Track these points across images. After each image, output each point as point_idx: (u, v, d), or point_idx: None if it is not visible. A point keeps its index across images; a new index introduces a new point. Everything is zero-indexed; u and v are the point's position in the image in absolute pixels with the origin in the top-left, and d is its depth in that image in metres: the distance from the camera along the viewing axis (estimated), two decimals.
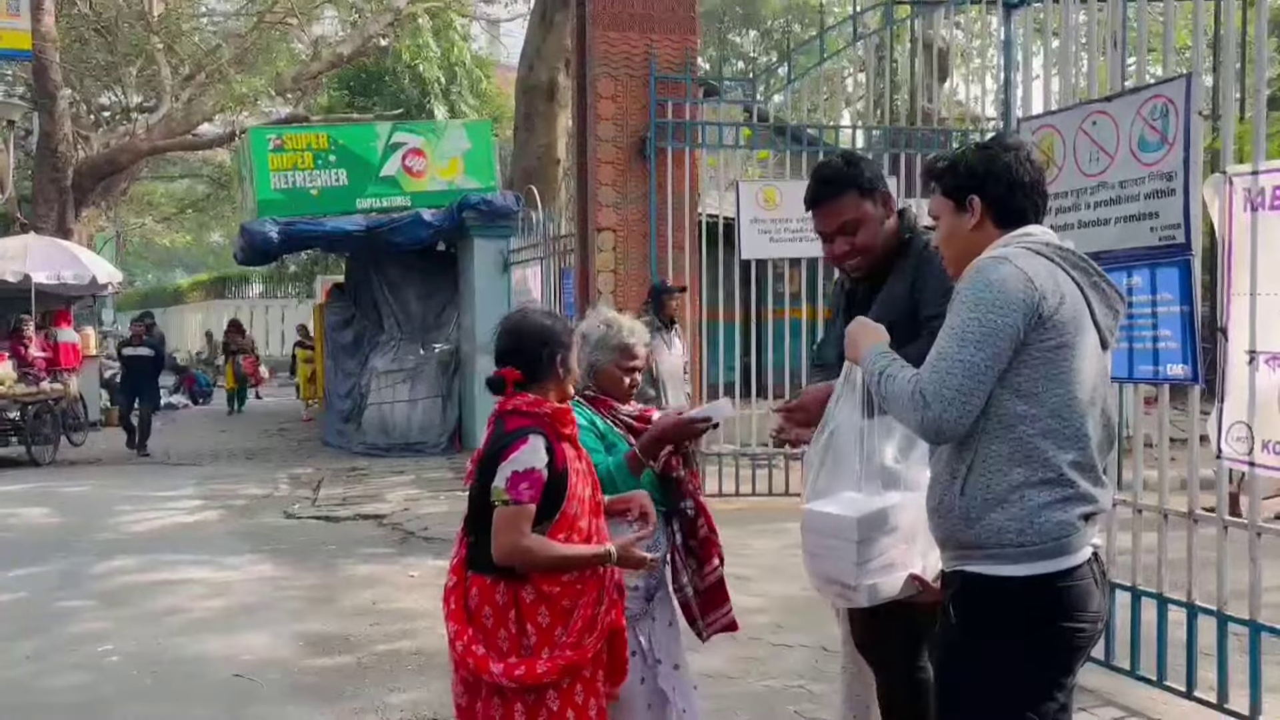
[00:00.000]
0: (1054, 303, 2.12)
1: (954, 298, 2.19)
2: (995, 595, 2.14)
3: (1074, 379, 2.14)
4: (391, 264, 13.40)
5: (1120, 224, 4.13)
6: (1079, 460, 2.14)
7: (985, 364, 2.09)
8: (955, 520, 2.18)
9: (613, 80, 8.82)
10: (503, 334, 2.66)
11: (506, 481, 2.47)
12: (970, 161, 2.33)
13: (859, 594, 2.44)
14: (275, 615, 5.79)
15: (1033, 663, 2.14)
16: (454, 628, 2.54)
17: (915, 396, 2.13)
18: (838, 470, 2.50)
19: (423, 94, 22.66)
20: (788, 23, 30.46)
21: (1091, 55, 4.70)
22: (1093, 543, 2.18)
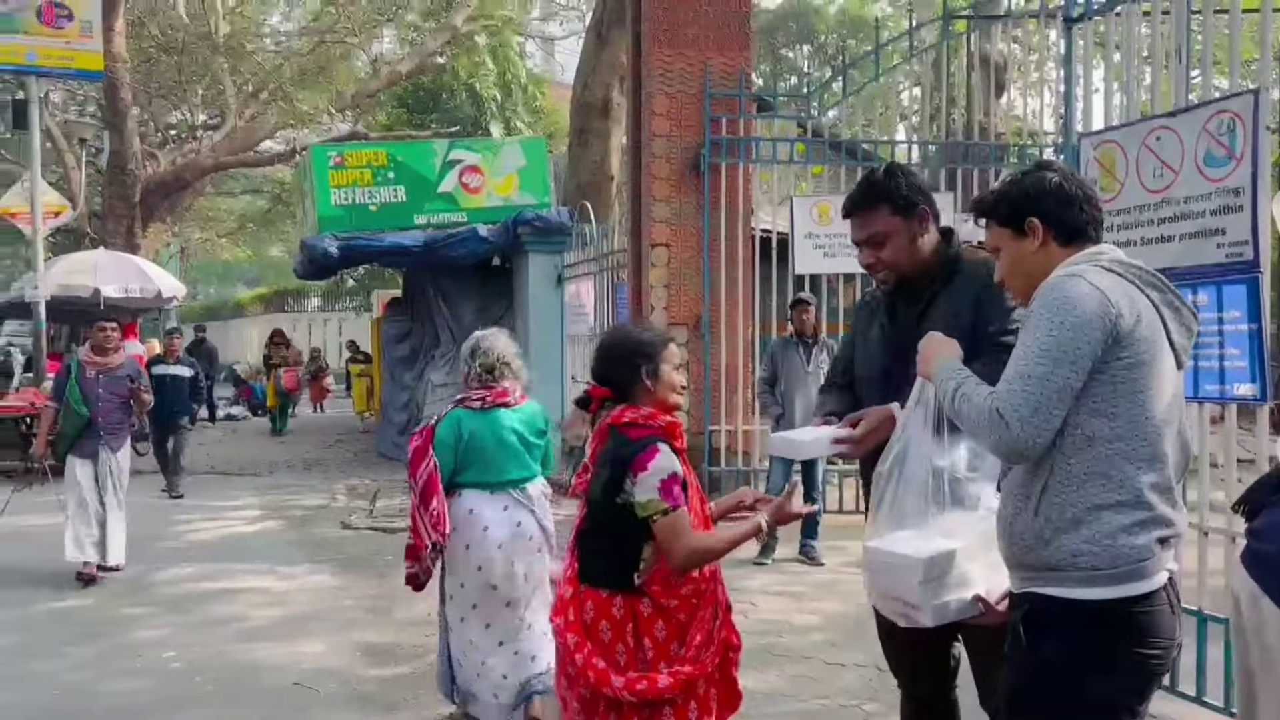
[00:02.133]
0: (1131, 320, 2.09)
1: (1029, 316, 2.16)
2: (1068, 619, 2.09)
3: (1151, 398, 2.10)
4: (448, 278, 13.55)
5: (1185, 240, 4.06)
6: (1158, 482, 2.10)
7: (1063, 382, 2.06)
8: (1028, 541, 2.14)
9: (667, 97, 8.87)
10: (594, 355, 2.76)
11: (658, 491, 2.51)
12: (1021, 186, 2.32)
13: (923, 614, 2.39)
14: (333, 625, 5.87)
15: (1106, 689, 2.09)
16: (574, 639, 2.56)
17: (992, 415, 2.09)
18: (905, 493, 2.45)
19: (479, 111, 22.97)
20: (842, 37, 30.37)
21: (1155, 69, 4.64)
22: (1168, 567, 2.13)
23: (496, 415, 4.08)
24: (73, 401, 6.80)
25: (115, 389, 6.94)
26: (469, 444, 4.03)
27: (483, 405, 4.07)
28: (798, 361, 7.18)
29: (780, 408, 7.22)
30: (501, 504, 4.04)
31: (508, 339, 4.29)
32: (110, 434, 6.90)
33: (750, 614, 5.94)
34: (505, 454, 4.06)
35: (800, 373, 7.13)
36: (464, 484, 4.07)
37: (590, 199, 13.16)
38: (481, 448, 4.02)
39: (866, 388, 2.95)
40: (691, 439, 8.81)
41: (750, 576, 6.84)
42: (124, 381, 7.00)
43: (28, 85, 13.28)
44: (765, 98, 9.96)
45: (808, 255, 8.59)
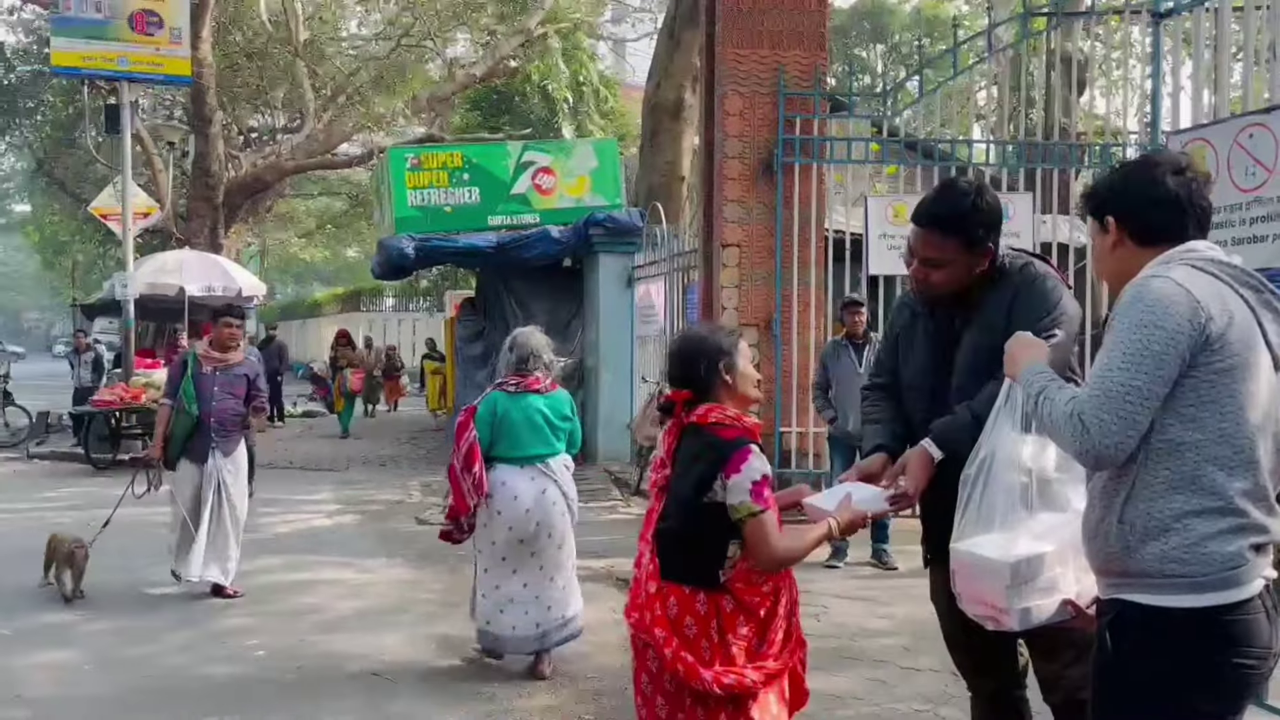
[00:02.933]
0: (1222, 323, 2.03)
1: (1114, 317, 2.11)
2: (1156, 627, 2.05)
3: (1244, 402, 2.04)
4: (520, 279, 13.69)
5: (1279, 241, 3.95)
6: (1249, 488, 2.04)
7: (1148, 388, 2.00)
8: (1113, 547, 2.10)
9: (740, 97, 8.86)
10: (670, 358, 2.83)
11: (749, 493, 2.57)
12: (1106, 181, 2.29)
13: (1010, 618, 2.37)
14: (409, 617, 5.99)
15: (1196, 699, 2.04)
16: (662, 633, 2.58)
17: (1074, 421, 2.04)
18: (993, 495, 2.42)
19: (551, 113, 23.17)
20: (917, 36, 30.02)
21: (1246, 66, 4.52)
22: (1266, 574, 2.06)
23: (528, 399, 4.84)
24: (185, 399, 6.30)
25: (232, 387, 6.39)
26: (502, 421, 4.81)
27: (516, 389, 4.83)
28: (849, 364, 7.14)
29: (834, 411, 7.18)
30: (529, 475, 4.84)
31: (541, 336, 5.05)
32: (223, 436, 6.35)
33: (823, 617, 5.92)
34: (533, 432, 4.85)
35: (852, 375, 7.08)
36: (497, 458, 4.83)
37: (661, 200, 13.19)
38: (513, 425, 4.82)
39: (913, 395, 2.98)
40: (762, 441, 8.86)
41: (822, 580, 6.80)
42: (241, 380, 6.44)
43: (119, 90, 13.75)
44: (839, 97, 9.89)
45: (882, 255, 8.51)
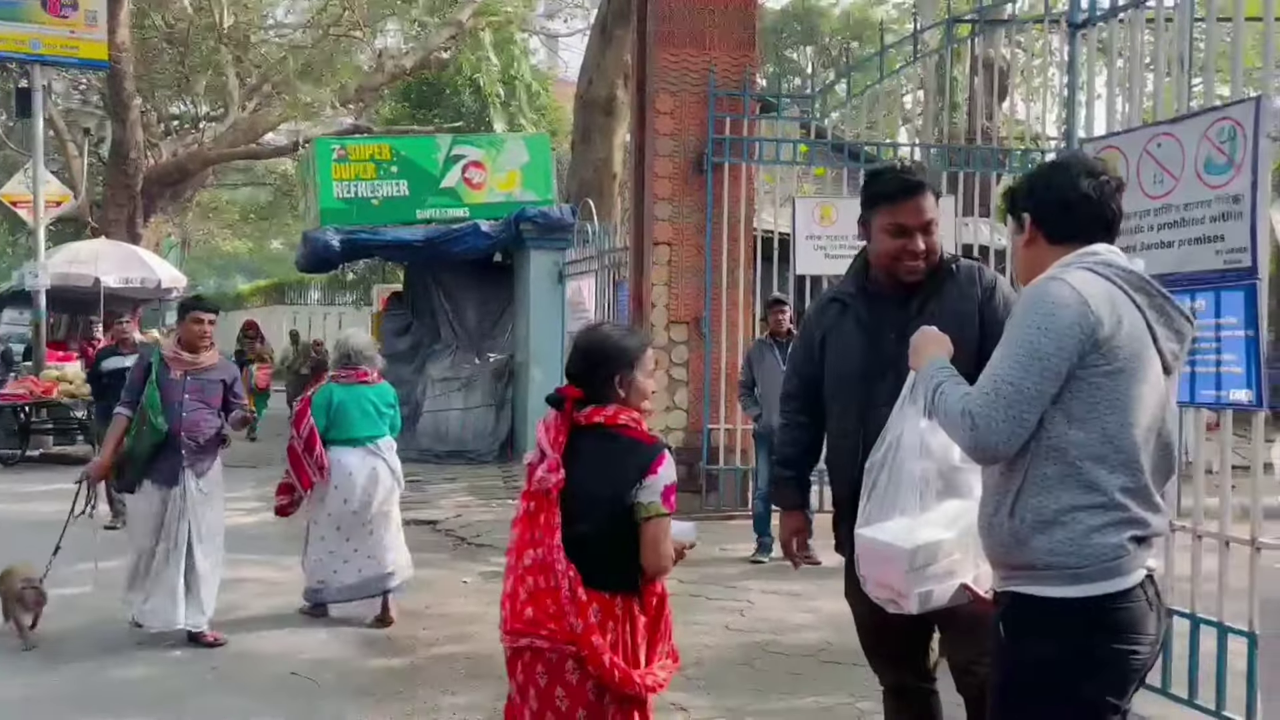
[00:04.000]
0: (1111, 327, 2.10)
1: (1010, 318, 2.19)
2: (1046, 616, 2.13)
3: (1130, 405, 2.12)
4: (449, 274, 13.58)
5: (1184, 246, 4.09)
6: (1130, 485, 2.13)
7: (1036, 389, 2.07)
8: (1005, 540, 2.18)
9: (671, 96, 8.89)
10: (573, 353, 2.74)
11: (660, 496, 2.57)
12: (1026, 180, 2.35)
13: (909, 601, 2.45)
14: (331, 617, 5.89)
15: (1086, 686, 2.12)
16: (598, 641, 2.51)
17: (965, 417, 2.12)
18: (896, 486, 2.50)
19: (482, 107, 23.01)
20: (846, 40, 30.40)
21: (1158, 76, 4.67)
22: (1147, 565, 2.16)
23: (358, 389, 5.72)
24: (150, 409, 5.19)
25: (205, 395, 5.35)
26: (337, 409, 5.63)
27: (347, 381, 5.72)
28: (774, 362, 7.23)
29: (759, 409, 7.28)
30: (361, 455, 5.64)
31: (365, 338, 6.14)
32: (196, 453, 5.29)
33: (747, 612, 5.98)
34: (363, 417, 5.69)
35: (777, 373, 7.15)
36: (333, 441, 5.59)
37: (593, 197, 13.19)
38: (346, 412, 5.64)
39: (845, 391, 2.92)
40: (690, 437, 8.94)
41: (746, 575, 6.88)
42: (217, 387, 5.42)
43: (31, 74, 13.31)
44: (769, 98, 9.98)
45: (809, 256, 8.62)
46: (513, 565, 2.62)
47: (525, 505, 2.63)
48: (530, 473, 2.64)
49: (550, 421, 2.65)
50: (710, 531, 8.20)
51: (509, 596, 2.61)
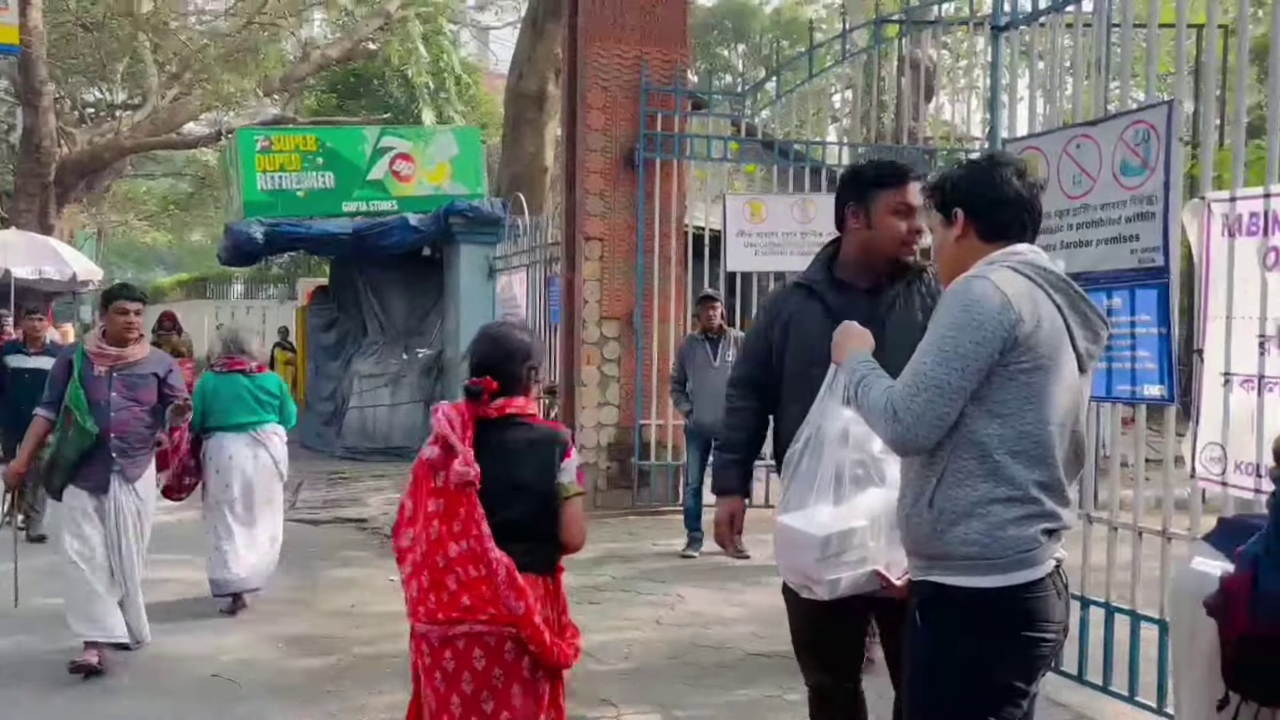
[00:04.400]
0: (1031, 325, 2.15)
1: (934, 314, 2.23)
2: (960, 605, 2.19)
3: (1046, 401, 2.18)
4: (376, 268, 13.40)
5: (1101, 246, 4.20)
6: (1044, 479, 2.19)
7: (956, 383, 2.13)
8: (923, 531, 2.23)
9: (603, 91, 8.88)
10: (486, 346, 2.81)
11: (575, 476, 2.77)
12: (957, 176, 2.39)
13: (821, 587, 2.51)
14: (254, 616, 5.79)
15: (996, 670, 2.19)
16: (539, 620, 2.65)
17: (887, 409, 2.18)
18: (814, 475, 2.55)
19: (411, 99, 22.72)
20: (776, 38, 30.66)
21: (1077, 79, 4.79)
22: (1056, 555, 2.23)
23: (234, 378, 5.89)
24: (75, 410, 4.75)
25: (135, 392, 4.89)
26: (212, 396, 5.84)
27: (222, 370, 5.91)
28: (705, 358, 7.29)
29: (691, 404, 7.32)
30: (244, 441, 5.80)
31: (245, 332, 6.37)
32: (128, 457, 4.88)
33: (678, 607, 6.01)
34: (239, 404, 5.84)
35: (708, 369, 7.25)
36: (214, 427, 5.80)
37: (524, 191, 13.11)
38: (221, 399, 5.82)
39: (801, 380, 2.86)
40: (621, 433, 8.94)
41: (677, 571, 6.91)
42: (149, 382, 4.94)
43: None
44: (700, 95, 10.03)
45: (739, 253, 8.69)
46: (428, 561, 2.65)
47: (435, 502, 2.65)
48: (426, 469, 2.68)
49: (453, 415, 2.71)
50: (642, 527, 8.24)
51: (432, 588, 2.64)
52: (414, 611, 2.70)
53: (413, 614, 2.71)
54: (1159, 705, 4.06)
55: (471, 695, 2.65)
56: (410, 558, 2.69)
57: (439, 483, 2.65)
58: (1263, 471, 3.61)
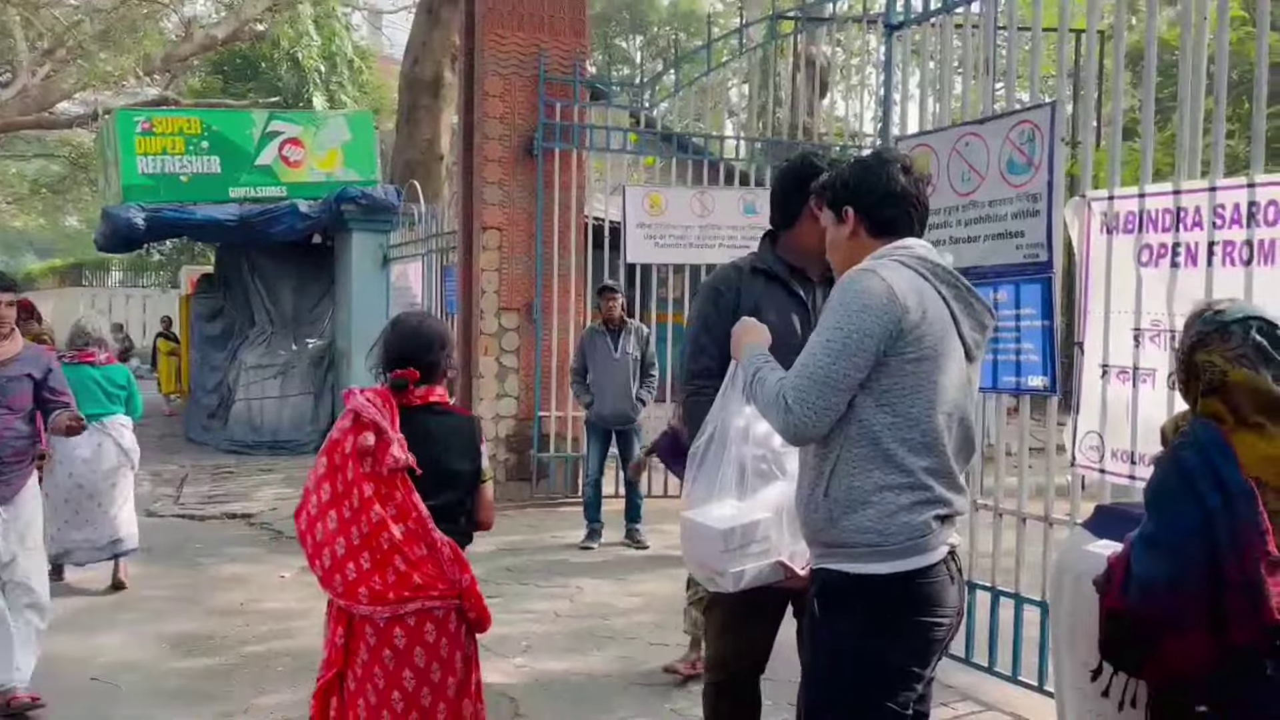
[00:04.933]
0: (916, 317, 2.20)
1: (825, 307, 2.27)
2: (855, 592, 2.23)
3: (934, 390, 2.23)
4: (265, 255, 13.02)
5: (989, 241, 4.34)
6: (934, 466, 2.24)
7: (844, 374, 2.17)
8: (819, 520, 2.27)
9: (501, 79, 8.78)
10: (405, 336, 2.88)
11: (488, 460, 2.99)
12: (846, 174, 2.43)
13: (726, 580, 2.53)
14: (136, 616, 5.56)
15: (891, 655, 2.24)
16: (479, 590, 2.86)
17: (779, 400, 2.22)
18: (718, 470, 2.58)
19: (301, 83, 22.09)
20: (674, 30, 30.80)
21: (965, 79, 4.93)
22: (949, 541, 2.29)
23: (82, 369, 5.92)
24: None
25: (8, 398, 4.21)
26: None
27: (72, 361, 5.84)
28: (606, 350, 7.28)
29: (591, 396, 7.31)
30: (89, 433, 5.45)
31: (97, 321, 6.38)
32: (1, 470, 4.21)
33: (576, 598, 6.00)
34: (88, 396, 5.76)
35: (609, 361, 7.24)
36: None
37: (419, 178, 12.90)
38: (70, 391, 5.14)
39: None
40: (520, 425, 8.88)
41: (576, 561, 6.90)
42: (22, 385, 4.27)
43: None
44: (599, 85, 10.00)
45: (639, 245, 8.70)
46: (368, 544, 2.68)
47: (369, 486, 2.69)
48: (346, 454, 2.71)
49: (377, 400, 2.77)
50: (541, 519, 8.20)
51: (376, 570, 2.69)
52: (352, 594, 2.70)
53: (348, 596, 2.71)
54: (1040, 684, 4.22)
55: (424, 668, 2.75)
56: (338, 542, 2.70)
57: (368, 468, 2.69)
58: (1137, 459, 3.79)
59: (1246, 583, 2.03)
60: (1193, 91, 3.77)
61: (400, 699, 2.73)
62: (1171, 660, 2.16)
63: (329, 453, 2.75)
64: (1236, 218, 3.49)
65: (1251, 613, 2.04)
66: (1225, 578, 2.05)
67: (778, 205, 2.98)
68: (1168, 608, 2.12)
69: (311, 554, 2.75)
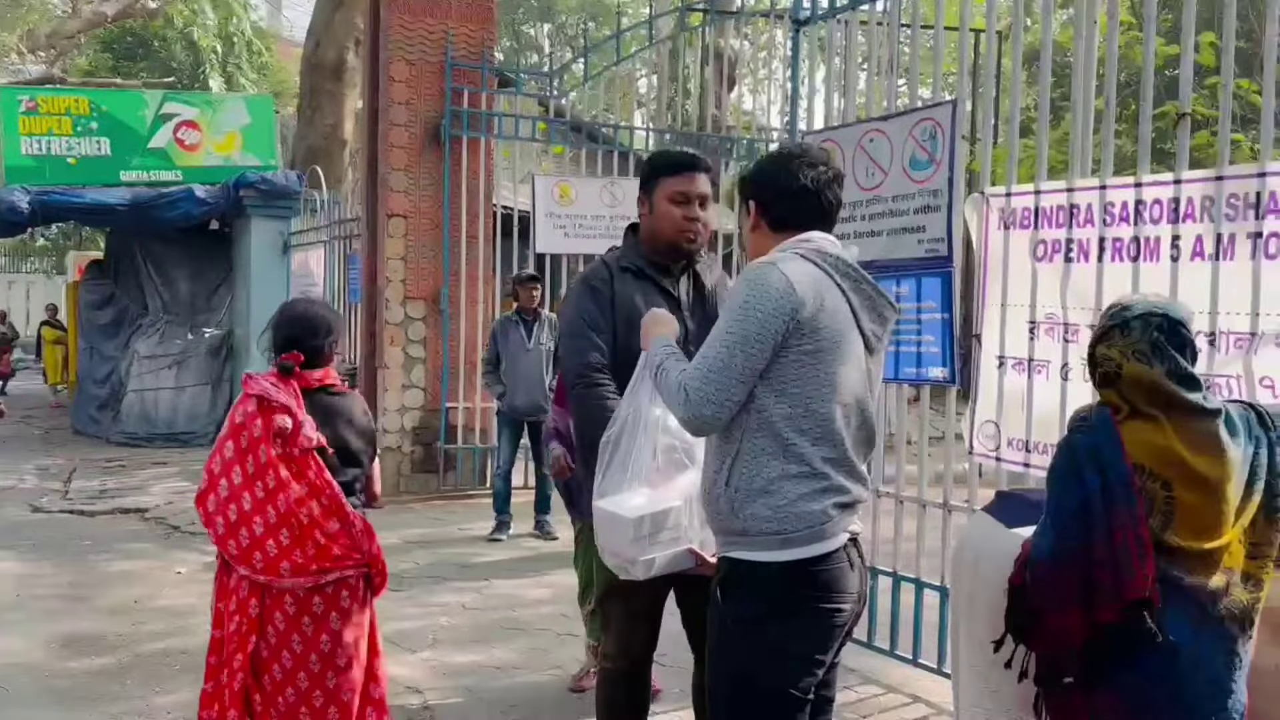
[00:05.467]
0: (813, 309, 2.25)
1: (726, 299, 2.32)
2: (757, 579, 2.27)
3: (832, 381, 2.28)
4: (159, 241, 12.59)
5: (892, 236, 4.44)
6: (832, 455, 2.29)
7: (742, 365, 2.22)
8: (722, 509, 2.31)
9: (407, 64, 8.64)
10: (293, 322, 3.05)
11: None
12: (752, 171, 2.50)
13: (637, 568, 2.57)
14: (23, 616, 5.33)
15: (792, 641, 2.29)
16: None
17: (680, 391, 2.26)
18: (629, 459, 2.60)
19: (197, 64, 21.40)
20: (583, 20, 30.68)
21: (870, 76, 5.03)
22: (849, 529, 2.34)
23: None
24: None
25: None
26: None
27: None
28: (519, 340, 7.22)
29: (504, 387, 7.26)
30: None
31: None
32: None
33: (485, 591, 5.96)
34: None
35: (522, 351, 7.19)
36: None
37: (321, 164, 12.62)
38: None
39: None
40: (427, 416, 8.77)
41: (485, 553, 6.85)
42: None
43: None
44: (507, 73, 9.92)
45: (549, 234, 8.66)
46: (285, 521, 2.85)
47: (284, 467, 2.86)
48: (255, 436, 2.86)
49: (279, 384, 2.93)
50: (448, 512, 8.12)
51: (296, 544, 2.87)
52: (273, 569, 2.88)
53: (269, 572, 2.88)
54: (939, 666, 4.35)
55: (339, 630, 2.98)
56: (255, 522, 2.86)
57: (280, 449, 2.86)
58: (1031, 447, 3.93)
59: (1113, 561, 2.13)
60: (1084, 93, 3.91)
61: (317, 660, 2.95)
62: (1053, 634, 2.25)
63: (234, 436, 2.87)
64: (1125, 215, 3.64)
65: (1115, 591, 2.13)
66: (1095, 556, 2.15)
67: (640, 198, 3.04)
68: (1050, 583, 2.20)
69: (224, 535, 2.88)
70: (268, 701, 2.94)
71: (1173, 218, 3.48)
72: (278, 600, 2.91)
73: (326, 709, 2.97)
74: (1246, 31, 10.00)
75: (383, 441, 8.63)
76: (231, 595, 2.94)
